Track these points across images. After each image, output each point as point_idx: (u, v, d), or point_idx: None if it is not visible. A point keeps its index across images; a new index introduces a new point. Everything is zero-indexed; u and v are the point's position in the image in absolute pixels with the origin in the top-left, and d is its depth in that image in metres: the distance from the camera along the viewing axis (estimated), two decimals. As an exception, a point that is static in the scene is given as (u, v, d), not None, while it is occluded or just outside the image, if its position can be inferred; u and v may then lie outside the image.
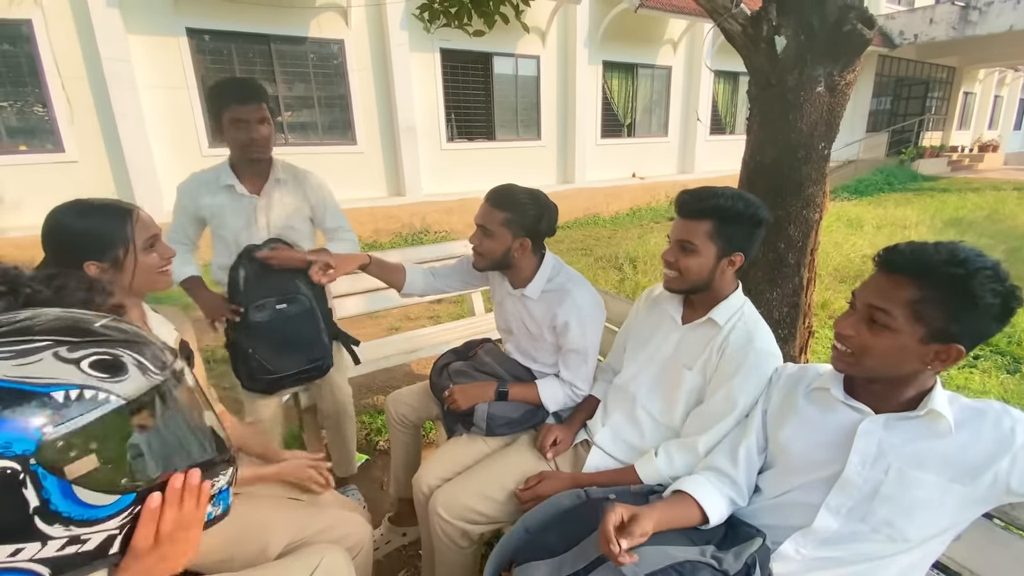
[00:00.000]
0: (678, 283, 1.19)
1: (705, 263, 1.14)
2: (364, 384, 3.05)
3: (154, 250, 1.09)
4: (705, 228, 1.12)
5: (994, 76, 17.81)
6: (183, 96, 6.11)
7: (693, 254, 1.13)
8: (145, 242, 1.06)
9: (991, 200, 8.99)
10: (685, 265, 1.15)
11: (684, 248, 1.14)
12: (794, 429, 0.96)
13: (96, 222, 1.03)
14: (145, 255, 1.07)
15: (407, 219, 7.24)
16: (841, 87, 1.46)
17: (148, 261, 1.07)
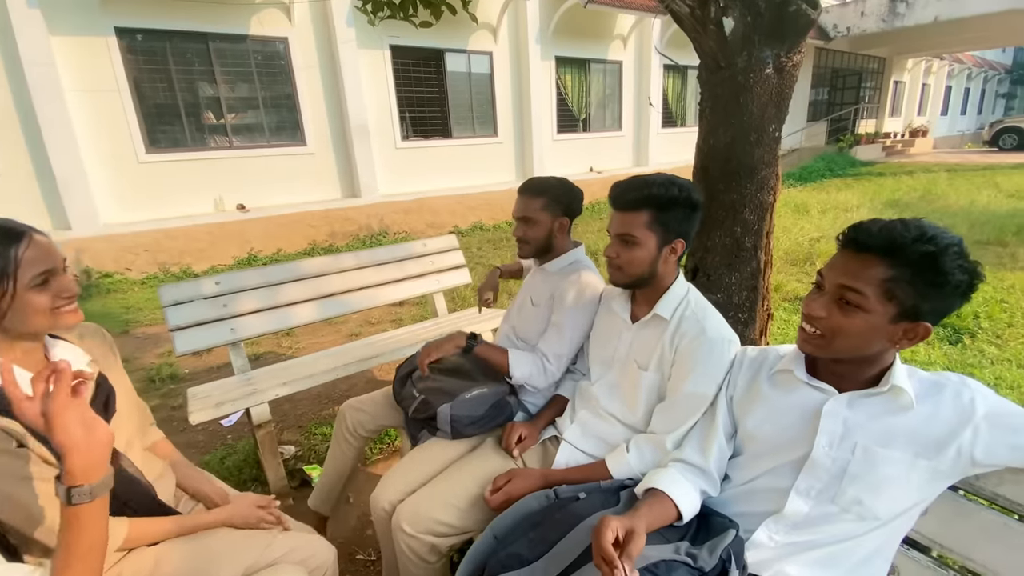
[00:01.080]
0: (623, 277, 1.17)
1: (647, 255, 1.12)
2: (323, 394, 2.93)
3: (47, 288, 0.89)
4: (643, 219, 1.11)
5: (921, 65, 18.95)
6: (114, 99, 5.72)
7: (635, 247, 1.12)
8: (33, 278, 0.87)
9: (924, 182, 9.55)
10: (628, 259, 1.13)
11: (625, 242, 1.13)
12: (760, 414, 0.95)
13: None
14: (32, 293, 0.87)
15: (364, 221, 7.05)
16: (788, 68, 1.48)
17: (34, 300, 0.88)
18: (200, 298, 2.14)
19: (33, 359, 0.95)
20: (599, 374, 1.30)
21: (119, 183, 5.86)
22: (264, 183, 6.78)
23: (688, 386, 1.07)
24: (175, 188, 6.23)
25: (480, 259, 5.88)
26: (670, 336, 1.13)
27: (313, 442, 2.49)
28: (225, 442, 2.57)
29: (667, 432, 1.09)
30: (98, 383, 1.04)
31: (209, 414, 1.85)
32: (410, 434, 1.49)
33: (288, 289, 2.37)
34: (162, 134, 6.16)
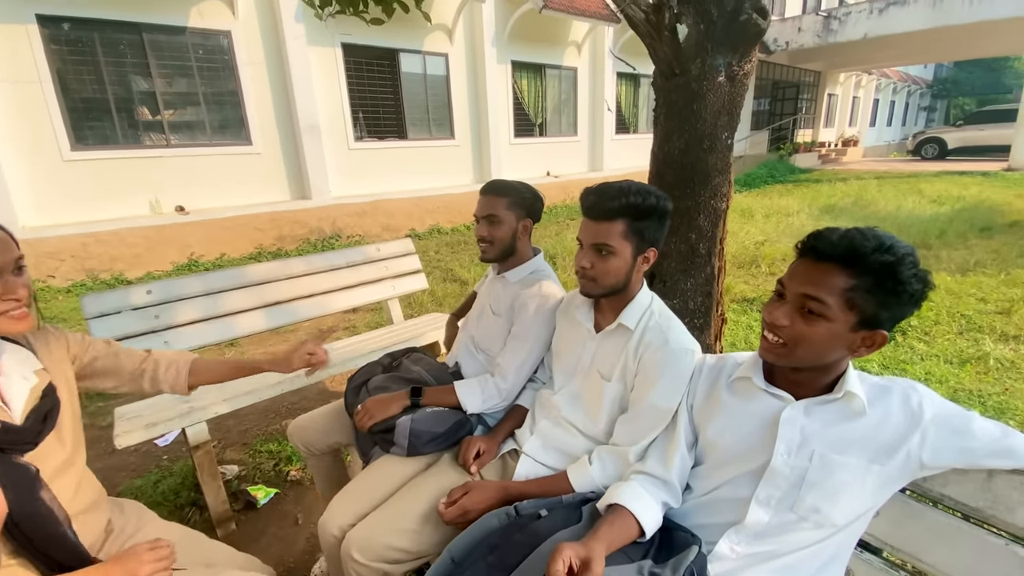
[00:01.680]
0: (596, 289, 1.14)
1: (623, 265, 1.10)
2: (270, 408, 2.78)
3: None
4: (619, 228, 1.08)
5: (852, 79, 20.27)
6: (35, 92, 5.26)
7: (610, 257, 1.09)
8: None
9: (856, 188, 10.19)
10: (604, 270, 1.10)
11: (600, 252, 1.09)
12: (720, 422, 0.94)
13: None
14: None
15: (315, 224, 6.79)
16: (740, 77, 1.51)
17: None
18: (128, 309, 1.97)
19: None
20: (562, 383, 1.27)
21: (40, 183, 5.39)
22: (206, 184, 6.41)
23: (652, 398, 1.05)
24: (105, 189, 5.79)
25: (438, 263, 5.78)
26: (634, 346, 1.11)
27: (259, 460, 2.35)
28: (160, 463, 2.38)
29: (630, 444, 1.07)
30: (44, 393, 0.94)
31: (138, 436, 1.69)
32: (360, 451, 1.41)
33: (231, 297, 2.22)
34: (90, 130, 5.71)
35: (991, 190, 9.13)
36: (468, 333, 1.60)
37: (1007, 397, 2.55)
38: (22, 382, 0.92)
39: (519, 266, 1.50)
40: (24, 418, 0.90)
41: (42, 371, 0.97)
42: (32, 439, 0.90)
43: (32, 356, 0.97)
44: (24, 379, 0.93)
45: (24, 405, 0.91)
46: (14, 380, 0.91)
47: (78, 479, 0.99)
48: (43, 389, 0.95)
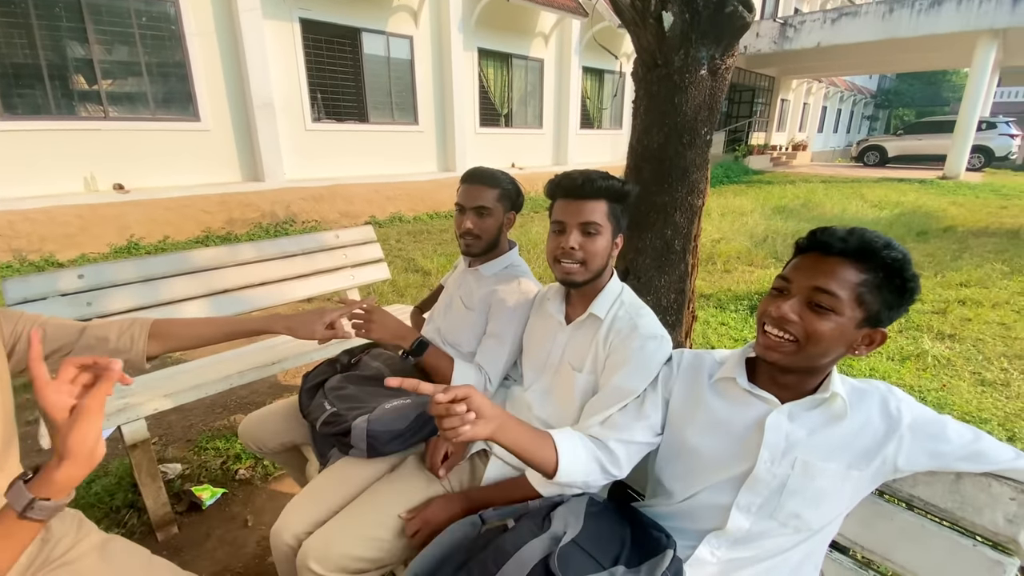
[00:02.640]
0: (582, 274, 1.09)
1: (606, 246, 1.09)
2: (217, 402, 2.61)
3: None
4: (603, 207, 1.07)
5: (803, 86, 21.19)
6: (-49, 52, 4.73)
7: (599, 236, 1.07)
8: None
9: (804, 191, 10.66)
10: (592, 250, 1.07)
11: (589, 231, 1.06)
12: (701, 425, 0.92)
13: None
14: None
15: (268, 207, 6.47)
16: (722, 71, 1.50)
17: None
18: (56, 295, 1.78)
19: None
20: (532, 379, 1.23)
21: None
22: (148, 161, 5.97)
23: (616, 379, 1.02)
24: (35, 162, 5.29)
25: (399, 252, 5.63)
26: (604, 335, 1.09)
27: (204, 458, 2.20)
28: (92, 462, 2.20)
29: (590, 426, 1.03)
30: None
31: (66, 435, 1.54)
32: (318, 452, 1.32)
33: (173, 284, 2.05)
34: (19, 99, 5.20)
35: (927, 197, 9.76)
36: (434, 326, 1.53)
37: (945, 393, 2.71)
38: None
39: (494, 260, 1.44)
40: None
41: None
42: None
43: None
44: None
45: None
46: None
47: (5, 484, 0.86)
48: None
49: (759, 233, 6.53)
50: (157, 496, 1.77)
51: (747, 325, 3.56)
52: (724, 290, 4.35)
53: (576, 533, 0.81)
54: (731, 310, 3.87)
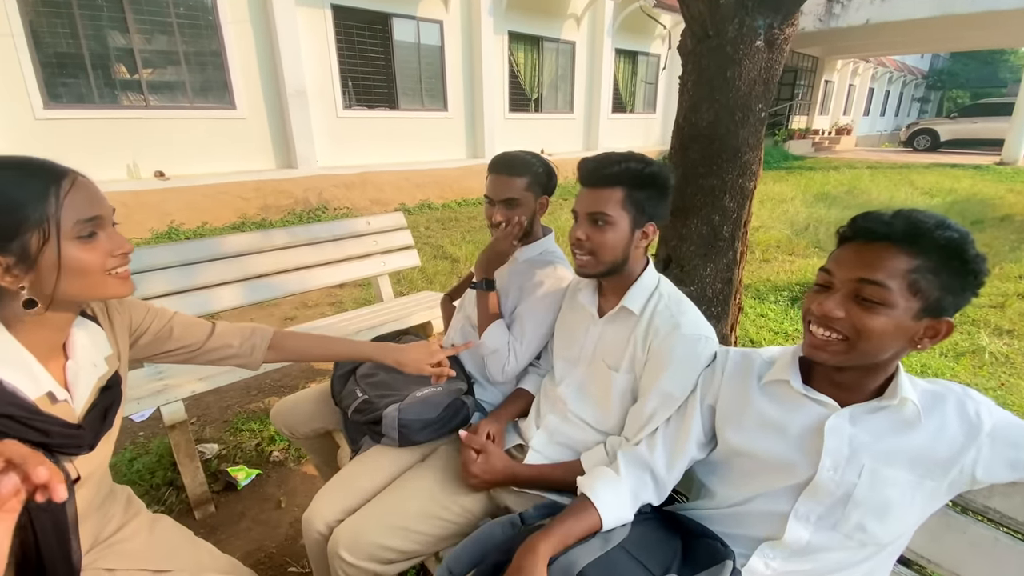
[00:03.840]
0: (593, 266, 1.04)
1: (621, 237, 1.01)
2: (252, 384, 2.67)
3: (95, 239, 0.70)
4: (617, 196, 1.00)
5: (849, 66, 20.13)
6: (6, 46, 4.91)
7: (608, 227, 1.00)
8: (78, 225, 0.68)
9: (849, 177, 10.18)
10: (600, 242, 1.01)
11: (597, 221, 1.01)
12: (752, 430, 0.85)
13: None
14: (78, 246, 0.68)
15: (301, 195, 6.56)
16: (780, 42, 1.38)
17: (81, 256, 0.68)
18: (99, 278, 1.83)
19: (50, 340, 0.74)
20: (564, 373, 1.18)
21: (11, 142, 5.08)
22: (187, 148, 6.13)
23: (661, 384, 0.96)
24: (80, 150, 5.49)
25: (428, 239, 5.63)
26: (642, 333, 1.02)
27: (239, 439, 2.25)
28: (136, 440, 2.28)
29: (637, 432, 0.99)
30: (109, 384, 0.83)
31: (109, 415, 1.58)
32: (349, 439, 1.31)
33: (209, 269, 2.08)
34: (64, 88, 5.39)
35: (983, 184, 9.18)
36: (465, 314, 1.50)
37: (1004, 392, 2.54)
38: (91, 369, 0.80)
39: (529, 245, 1.40)
40: (84, 414, 0.78)
41: (112, 357, 0.84)
42: (91, 442, 0.77)
43: (106, 340, 0.84)
44: (94, 366, 0.80)
45: (87, 397, 0.79)
46: (83, 366, 0.78)
47: (99, 477, 0.88)
48: (109, 378, 0.83)
49: (800, 221, 6.26)
50: (195, 475, 1.82)
51: (787, 317, 3.42)
52: (763, 280, 4.19)
53: (624, 537, 0.77)
54: (770, 301, 3.72)
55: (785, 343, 3.07)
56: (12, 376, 0.69)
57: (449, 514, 1.06)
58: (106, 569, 0.90)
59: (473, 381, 1.39)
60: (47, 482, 0.51)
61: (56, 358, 0.77)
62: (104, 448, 0.85)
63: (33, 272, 0.67)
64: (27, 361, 0.71)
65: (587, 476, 0.91)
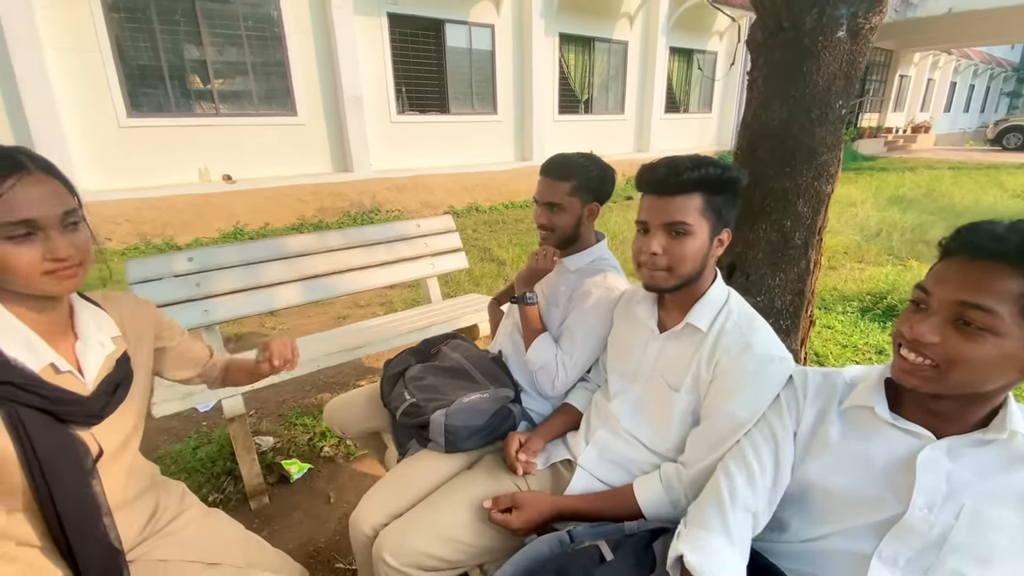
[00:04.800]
0: (669, 279, 0.96)
1: (700, 247, 0.94)
2: (307, 381, 2.75)
3: (26, 241, 0.72)
4: (697, 203, 0.92)
5: (928, 59, 18.69)
6: (95, 60, 5.37)
7: (688, 237, 0.92)
8: (7, 227, 0.71)
9: (927, 179, 9.43)
10: (680, 254, 0.93)
11: (676, 232, 0.93)
12: (830, 461, 0.77)
13: None
14: (7, 245, 0.71)
15: (355, 197, 6.78)
16: (864, 32, 1.26)
17: (11, 255, 0.71)
18: (171, 276, 1.95)
19: (51, 319, 0.81)
20: (618, 389, 1.11)
21: (99, 148, 5.55)
22: (252, 153, 6.48)
23: (730, 407, 0.89)
24: (158, 155, 5.92)
25: (475, 242, 5.67)
26: (708, 352, 0.95)
27: (293, 433, 2.32)
28: (200, 429, 2.40)
29: (699, 460, 0.92)
30: (118, 362, 0.89)
31: (175, 406, 1.67)
32: (397, 441, 1.31)
33: (269, 268, 2.17)
34: (145, 98, 5.82)
35: (1087, 185, 8.26)
36: (514, 320, 1.47)
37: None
38: (98, 348, 0.86)
39: (579, 253, 1.35)
40: (95, 387, 0.84)
41: (119, 338, 0.91)
42: (98, 412, 0.83)
43: (111, 321, 0.90)
44: (100, 345, 0.87)
45: (97, 373, 0.85)
46: (90, 345, 0.85)
47: (130, 463, 0.92)
48: (117, 358, 0.89)
49: (871, 226, 5.85)
50: (251, 467, 1.89)
51: (856, 330, 3.18)
52: (829, 289, 3.93)
53: None
54: (837, 312, 3.48)
55: (854, 358, 2.86)
56: (12, 349, 0.75)
57: (493, 527, 1.03)
58: (159, 560, 0.94)
59: (520, 390, 1.37)
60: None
61: (65, 338, 0.84)
62: (123, 425, 0.89)
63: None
64: (27, 336, 0.77)
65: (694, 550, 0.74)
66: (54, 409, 0.77)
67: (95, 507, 0.81)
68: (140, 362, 0.95)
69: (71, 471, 0.78)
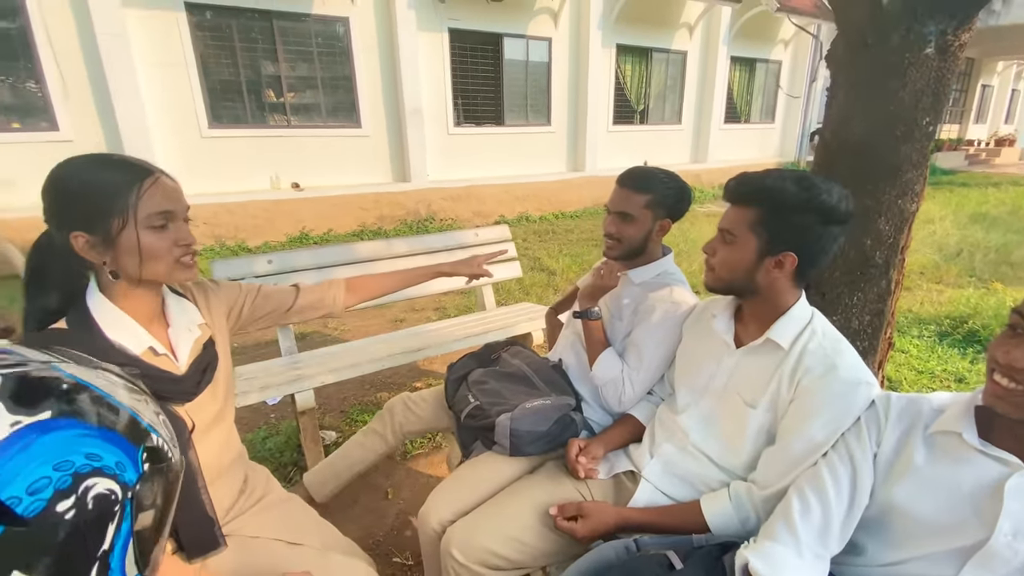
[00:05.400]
0: (712, 279, 1.02)
1: (741, 258, 0.95)
2: (367, 380, 2.87)
3: (164, 230, 0.84)
4: (749, 216, 0.93)
5: (1012, 69, 17.30)
6: (181, 74, 5.87)
7: (731, 246, 0.96)
8: (150, 217, 0.82)
9: (1013, 195, 8.71)
10: (721, 259, 0.98)
11: (724, 238, 0.98)
12: (913, 486, 0.75)
13: (94, 182, 0.80)
14: (149, 234, 0.82)
15: (412, 206, 7.02)
16: (954, 49, 1.22)
17: (152, 243, 0.83)
18: (252, 276, 2.10)
19: (148, 309, 0.92)
20: (688, 402, 1.11)
21: (183, 156, 6.04)
22: (319, 163, 6.84)
23: (807, 430, 0.87)
24: (234, 163, 6.37)
25: (526, 251, 5.73)
26: (789, 370, 0.93)
27: (354, 429, 2.43)
28: (268, 421, 2.55)
29: (773, 483, 0.90)
30: (205, 346, 0.99)
31: (253, 397, 1.80)
32: (461, 442, 1.36)
33: (338, 272, 2.30)
34: (224, 110, 6.29)
35: None
36: (575, 330, 1.49)
37: None
38: (187, 334, 0.97)
39: (644, 266, 1.35)
40: (187, 368, 0.94)
41: (204, 325, 1.01)
42: (192, 389, 0.94)
43: (195, 309, 1.01)
44: (188, 331, 0.97)
45: (188, 356, 0.96)
46: (180, 331, 0.96)
47: (226, 435, 1.03)
48: (204, 342, 1.00)
49: (951, 245, 5.47)
50: (317, 458, 2.00)
51: (933, 355, 2.98)
52: (904, 311, 3.70)
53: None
54: (912, 335, 3.28)
55: (931, 386, 2.68)
56: (117, 335, 0.85)
57: (557, 532, 1.05)
58: (250, 536, 1.02)
59: (581, 399, 1.38)
60: None
61: (159, 325, 0.94)
62: (212, 403, 0.98)
63: (112, 250, 0.82)
64: (129, 323, 0.87)
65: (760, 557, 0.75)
66: (154, 387, 0.87)
67: (192, 473, 0.90)
68: (222, 343, 1.05)
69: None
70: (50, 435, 0.34)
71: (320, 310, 1.25)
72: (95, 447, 0.36)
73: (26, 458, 0.32)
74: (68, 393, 0.36)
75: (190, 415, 0.93)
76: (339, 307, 1.28)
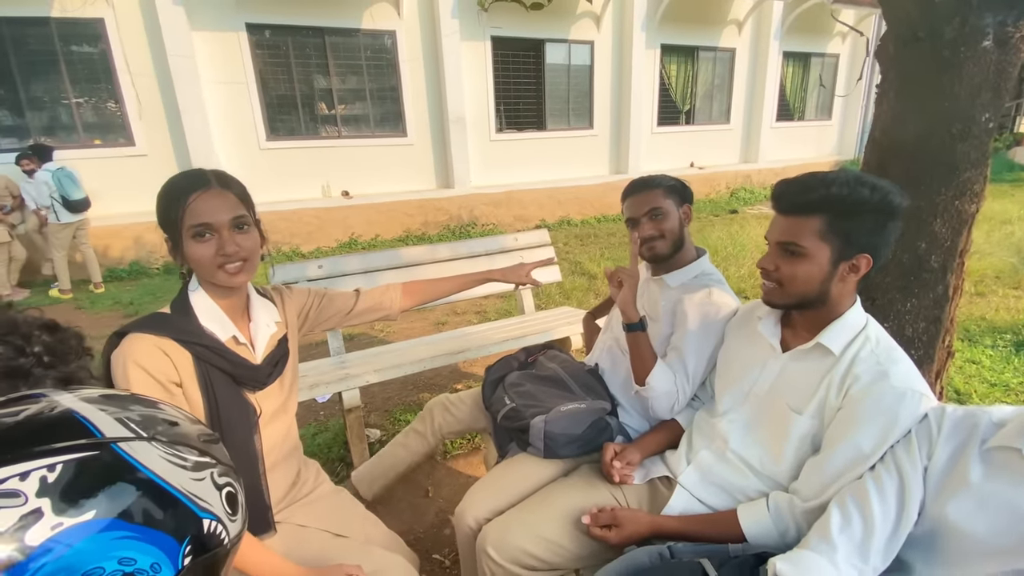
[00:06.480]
0: (780, 296, 0.96)
1: (816, 270, 0.90)
2: (409, 380, 2.95)
3: (203, 240, 0.90)
4: (814, 225, 0.89)
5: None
6: (242, 91, 6.25)
7: (800, 259, 0.90)
8: (191, 228, 0.89)
9: (1108, 192, 7.89)
10: (790, 274, 0.91)
11: (788, 252, 0.91)
12: (968, 503, 0.72)
13: (164, 195, 0.92)
14: (191, 243, 0.90)
15: (455, 212, 7.16)
16: (1015, 40, 1.13)
17: (193, 251, 0.91)
18: (305, 280, 2.22)
19: (235, 304, 1.02)
20: (729, 406, 1.08)
21: (243, 167, 6.42)
22: (367, 172, 7.11)
23: (854, 439, 0.84)
24: (289, 174, 6.71)
25: (566, 255, 5.71)
26: (839, 377, 0.90)
27: (397, 428, 2.51)
28: (318, 418, 2.67)
29: (816, 495, 0.87)
30: (279, 342, 1.09)
31: (303, 395, 1.89)
32: (497, 443, 1.39)
33: (386, 276, 2.39)
34: (280, 123, 6.64)
35: None
36: (612, 335, 1.49)
37: None
38: (265, 329, 1.07)
39: (681, 268, 1.34)
40: (262, 360, 1.04)
41: (280, 323, 1.11)
42: (264, 379, 1.03)
43: (275, 309, 1.11)
44: (267, 327, 1.07)
45: (264, 349, 1.05)
46: (260, 327, 1.06)
47: (287, 427, 1.12)
48: (279, 339, 1.09)
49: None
50: (362, 455, 2.08)
51: (1008, 366, 2.76)
52: (976, 318, 3.44)
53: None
54: (985, 345, 3.04)
55: (1004, 399, 2.48)
56: (209, 323, 0.96)
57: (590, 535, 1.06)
58: (299, 524, 1.09)
59: (617, 404, 1.38)
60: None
61: (243, 319, 1.04)
62: (279, 395, 1.07)
63: (179, 254, 0.93)
64: (219, 315, 0.98)
65: (788, 562, 0.74)
66: (233, 372, 0.98)
67: (254, 457, 0.99)
68: (293, 341, 1.14)
69: (240, 423, 0.97)
70: (86, 541, 0.33)
71: (379, 312, 1.31)
72: (131, 550, 0.35)
73: (55, 567, 0.32)
74: (120, 488, 0.36)
75: (259, 403, 1.01)
76: (396, 310, 1.33)
